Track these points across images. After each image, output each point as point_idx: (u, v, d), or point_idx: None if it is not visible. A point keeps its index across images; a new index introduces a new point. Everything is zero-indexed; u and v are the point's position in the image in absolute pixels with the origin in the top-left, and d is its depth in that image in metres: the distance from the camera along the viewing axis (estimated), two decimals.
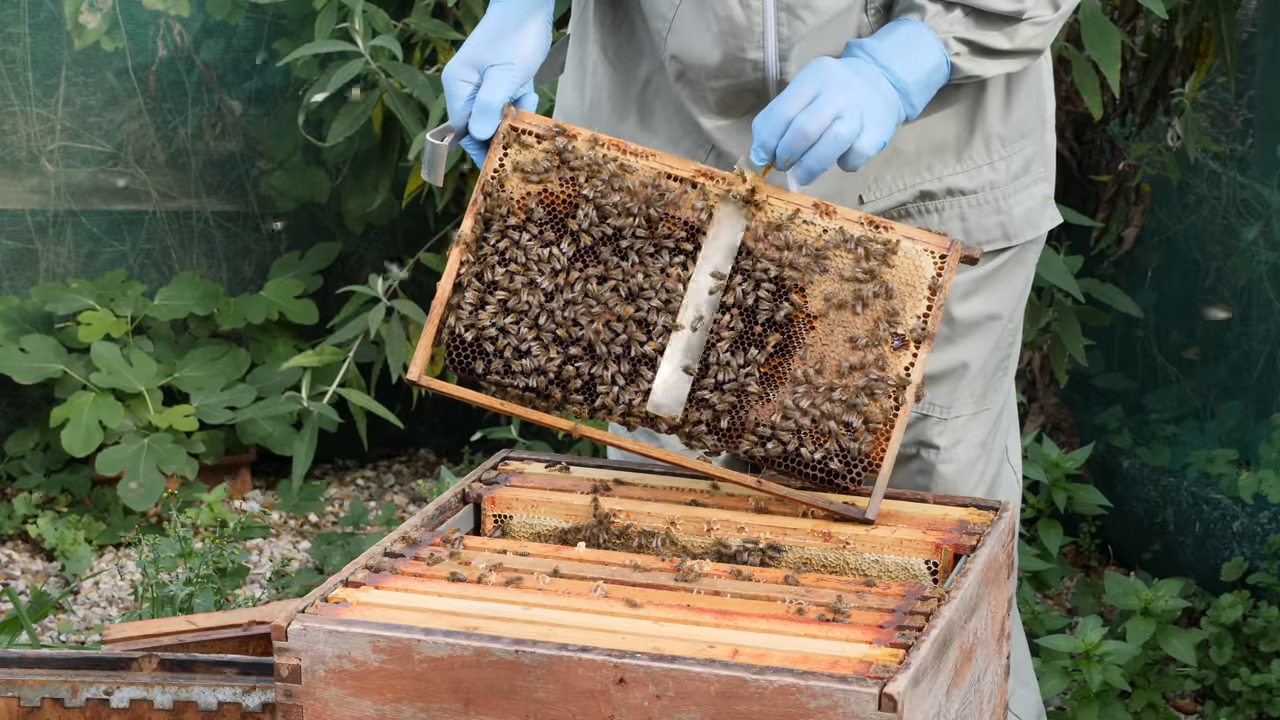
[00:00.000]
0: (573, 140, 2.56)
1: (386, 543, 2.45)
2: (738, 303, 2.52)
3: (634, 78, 2.78)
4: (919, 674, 2.12)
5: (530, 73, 2.61)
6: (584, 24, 2.84)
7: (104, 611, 4.46)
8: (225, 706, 2.54)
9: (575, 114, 2.86)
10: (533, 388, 2.53)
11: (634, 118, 2.78)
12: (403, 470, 5.24)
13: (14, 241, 4.96)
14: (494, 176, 2.55)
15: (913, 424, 2.81)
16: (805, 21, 2.60)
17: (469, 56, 2.60)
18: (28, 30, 4.87)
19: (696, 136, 2.73)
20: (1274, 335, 4.13)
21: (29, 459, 4.91)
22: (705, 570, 2.38)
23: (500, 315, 2.53)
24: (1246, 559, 4.07)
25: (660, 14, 2.68)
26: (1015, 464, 2.99)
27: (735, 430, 2.52)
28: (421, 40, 4.68)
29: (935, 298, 2.52)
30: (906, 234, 2.54)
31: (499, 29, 2.61)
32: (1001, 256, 2.81)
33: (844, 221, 2.53)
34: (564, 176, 2.55)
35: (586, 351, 2.52)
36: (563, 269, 2.53)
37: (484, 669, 2.17)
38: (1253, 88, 4.17)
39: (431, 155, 2.57)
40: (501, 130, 2.56)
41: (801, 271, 2.51)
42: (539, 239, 2.54)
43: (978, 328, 2.81)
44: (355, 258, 5.16)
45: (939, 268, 2.53)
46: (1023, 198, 2.80)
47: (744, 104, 2.68)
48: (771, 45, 2.62)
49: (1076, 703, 3.61)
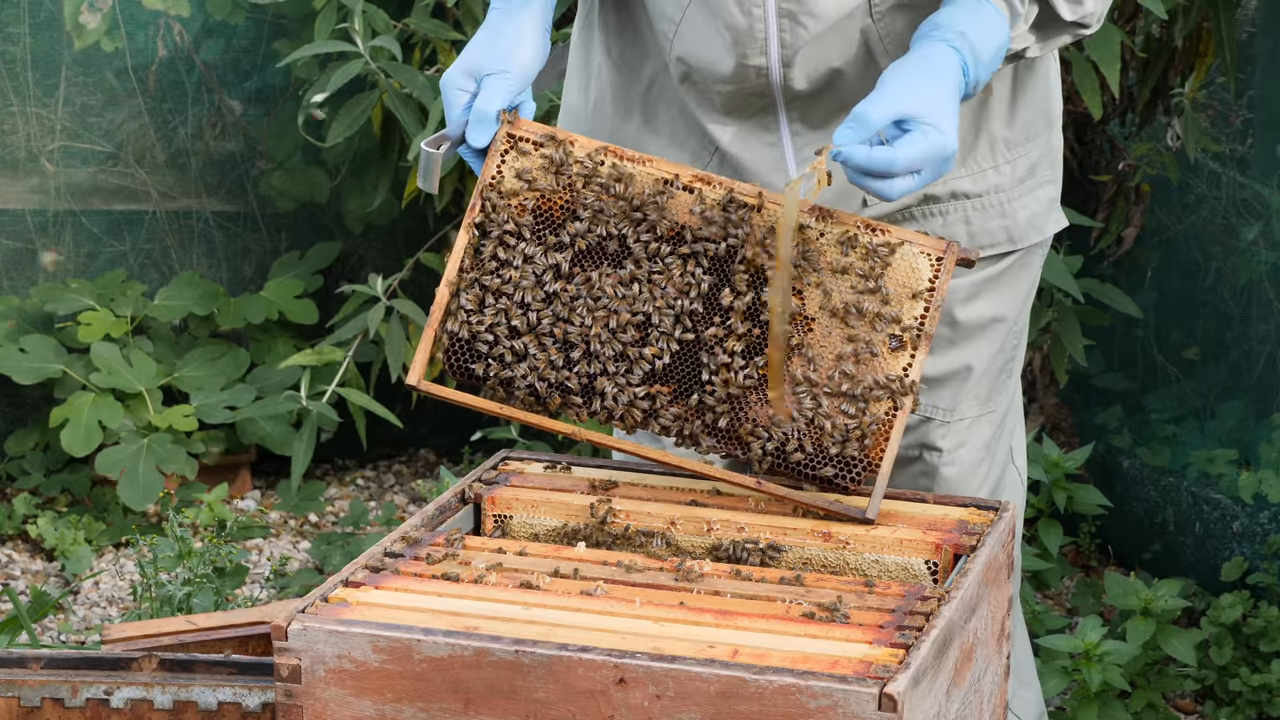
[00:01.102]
0: (570, 147, 2.57)
1: (386, 543, 2.45)
2: (735, 305, 2.52)
3: (638, 79, 2.77)
4: (919, 674, 2.12)
5: (527, 81, 2.61)
6: (589, 25, 2.84)
7: (104, 611, 4.46)
8: (225, 706, 2.54)
9: (580, 114, 2.86)
10: (532, 392, 2.53)
11: (638, 118, 2.78)
12: (403, 470, 5.24)
13: (14, 241, 4.96)
14: (492, 182, 2.56)
15: (915, 426, 2.81)
16: (807, 28, 2.60)
17: (466, 65, 2.60)
18: (28, 30, 4.87)
19: (700, 138, 2.73)
20: (1274, 335, 4.13)
21: (29, 459, 4.91)
22: (705, 570, 2.38)
23: (498, 319, 2.53)
24: (1246, 559, 4.07)
25: (667, 16, 2.68)
26: (1020, 466, 2.99)
27: (733, 431, 2.52)
28: (421, 40, 4.68)
29: (932, 299, 2.53)
30: (903, 237, 2.54)
31: (496, 37, 2.61)
32: (1006, 260, 2.80)
33: (841, 225, 2.54)
34: (561, 182, 2.56)
35: (584, 355, 2.52)
36: (561, 275, 2.53)
37: (484, 669, 2.17)
38: (1253, 88, 4.17)
39: (427, 164, 2.58)
40: (499, 137, 2.57)
41: (799, 272, 2.52)
42: (537, 244, 2.54)
43: (982, 330, 2.80)
44: (355, 258, 5.16)
45: (936, 270, 2.54)
46: (1028, 201, 2.80)
47: (751, 107, 2.68)
48: (774, 52, 2.62)
49: (1076, 703, 3.61)
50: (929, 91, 2.48)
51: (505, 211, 2.55)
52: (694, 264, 2.54)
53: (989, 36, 2.53)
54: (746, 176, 2.69)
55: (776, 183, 2.68)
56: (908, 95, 2.47)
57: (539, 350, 2.52)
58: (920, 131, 2.46)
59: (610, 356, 2.53)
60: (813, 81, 2.64)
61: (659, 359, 2.52)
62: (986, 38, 2.52)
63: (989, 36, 2.53)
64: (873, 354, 2.52)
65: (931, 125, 2.46)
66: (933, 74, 2.49)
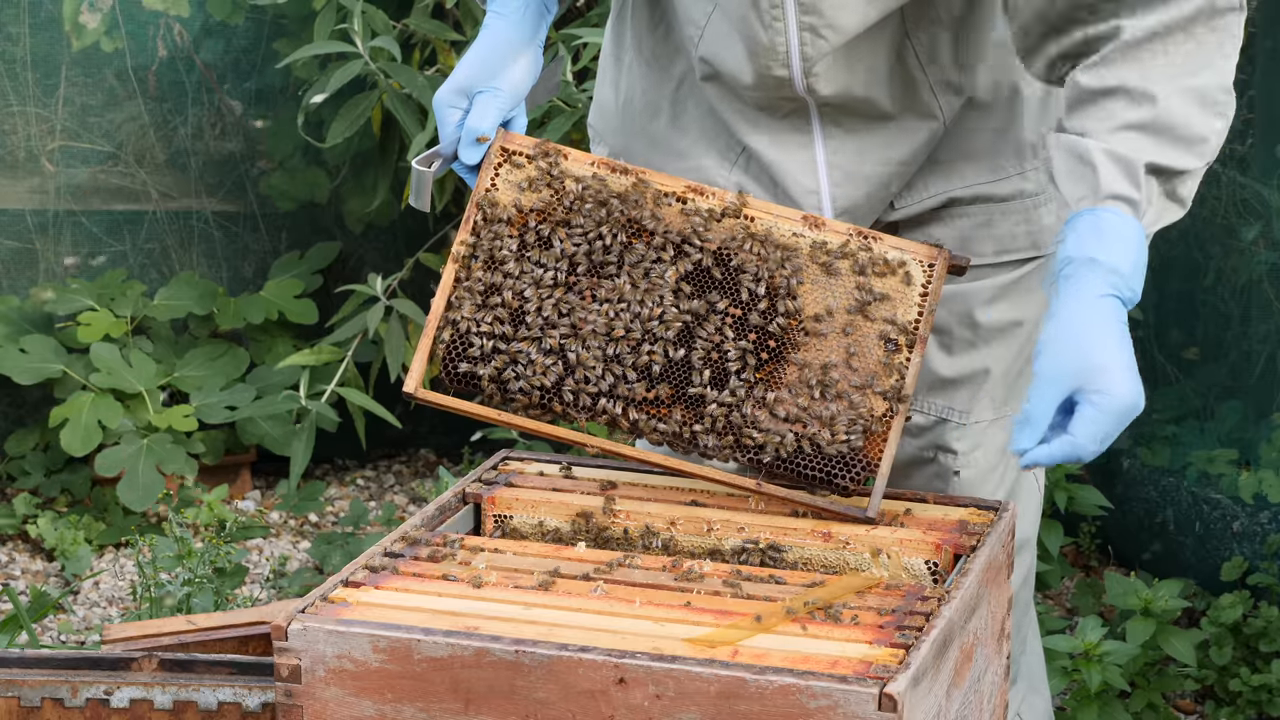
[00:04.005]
0: (563, 159, 2.59)
1: (386, 543, 2.45)
2: (730, 310, 2.53)
3: (668, 76, 2.77)
4: (919, 674, 2.12)
5: (519, 98, 2.64)
6: (621, 21, 2.84)
7: (104, 611, 4.47)
8: (225, 706, 2.54)
9: (610, 110, 2.86)
10: (531, 399, 2.53)
11: (666, 115, 2.78)
12: (403, 470, 5.24)
13: (14, 241, 4.96)
14: (486, 194, 2.58)
15: (931, 428, 2.81)
16: (828, 40, 2.59)
17: (458, 83, 2.63)
18: (28, 30, 4.87)
19: (728, 137, 2.73)
20: (1274, 335, 4.13)
21: (29, 459, 4.91)
22: (705, 570, 2.38)
23: (495, 328, 2.54)
24: (1246, 559, 4.07)
25: (692, 21, 2.68)
26: (1038, 471, 2.98)
27: (731, 435, 2.52)
28: (421, 41, 4.69)
29: (925, 303, 2.54)
30: (895, 244, 2.56)
31: (488, 56, 2.64)
32: (1029, 265, 2.79)
33: (832, 233, 2.56)
34: (554, 193, 2.57)
35: (581, 362, 2.53)
36: (557, 283, 2.55)
37: (484, 669, 2.17)
38: (1252, 88, 4.17)
39: (418, 181, 2.61)
40: (492, 150, 2.60)
41: (790, 276, 2.53)
42: (531, 254, 2.56)
43: (1001, 334, 2.80)
44: (355, 258, 5.17)
45: (928, 276, 2.55)
46: (1053, 207, 2.77)
47: (783, 108, 2.67)
48: (796, 64, 2.61)
49: (1076, 703, 3.61)
50: (1084, 353, 2.36)
51: (499, 224, 2.57)
52: (689, 271, 2.55)
53: (1116, 241, 2.38)
54: (776, 176, 2.69)
55: (807, 183, 2.68)
56: (1063, 372, 2.36)
57: (537, 356, 2.53)
58: (1089, 404, 2.34)
59: (607, 360, 2.53)
60: (840, 91, 2.63)
61: (655, 364, 2.53)
62: (1117, 248, 2.38)
63: (1116, 241, 2.38)
64: (868, 357, 2.53)
65: (1098, 391, 2.34)
66: (1084, 330, 2.37)
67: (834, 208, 2.68)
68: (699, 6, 2.67)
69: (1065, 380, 2.36)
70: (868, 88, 2.64)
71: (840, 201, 2.68)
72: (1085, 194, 2.41)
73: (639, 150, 2.81)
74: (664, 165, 2.76)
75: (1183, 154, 2.42)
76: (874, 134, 2.67)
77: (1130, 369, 2.36)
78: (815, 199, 2.68)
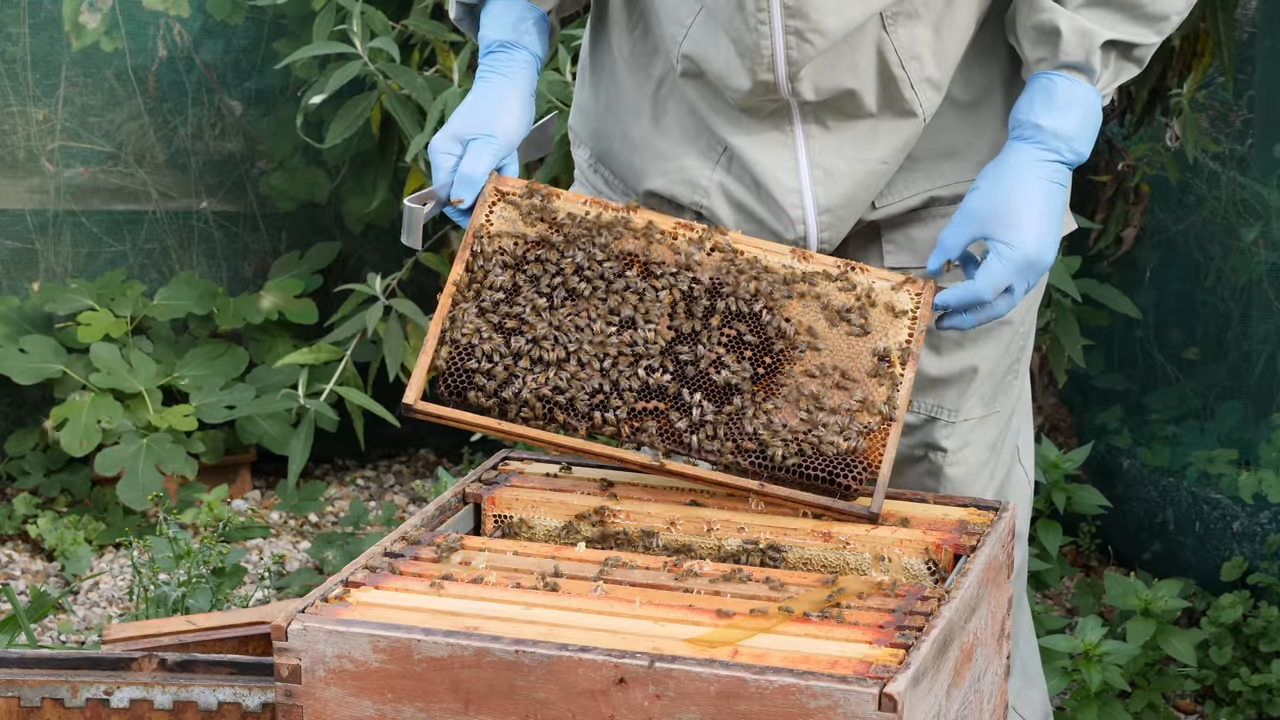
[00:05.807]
0: (554, 199, 2.65)
1: (386, 543, 2.45)
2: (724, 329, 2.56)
3: (648, 77, 2.78)
4: (919, 674, 2.12)
5: (512, 146, 2.69)
6: (600, 22, 2.85)
7: (104, 611, 4.46)
8: (225, 706, 2.54)
9: (590, 112, 2.87)
10: (534, 410, 2.54)
11: (647, 117, 2.78)
12: (403, 470, 5.24)
13: (14, 241, 4.96)
14: (482, 226, 2.63)
15: (920, 426, 2.82)
16: (814, 44, 2.59)
17: (453, 130, 2.68)
18: (28, 30, 4.87)
19: (709, 136, 2.73)
20: (1274, 335, 4.13)
21: (29, 459, 4.91)
22: (705, 570, 2.38)
23: (492, 345, 2.56)
24: (1246, 559, 4.07)
25: (677, 19, 2.68)
26: (1027, 465, 2.99)
27: (732, 441, 2.53)
28: (420, 42, 4.69)
29: (915, 325, 2.59)
30: (881, 276, 2.63)
31: (482, 104, 2.69)
32: None
33: (821, 265, 2.61)
34: (549, 225, 2.63)
35: (579, 377, 2.54)
36: (553, 305, 2.57)
37: (484, 669, 2.17)
38: (1252, 88, 4.17)
39: (410, 219, 2.66)
40: (486, 191, 2.65)
41: (783, 296, 2.57)
42: (527, 281, 2.59)
43: (988, 333, 2.80)
44: (355, 258, 5.17)
45: (916, 303, 2.61)
46: None
47: (765, 108, 2.68)
48: (781, 68, 2.62)
49: (1076, 703, 3.61)
50: (1004, 201, 2.57)
51: (495, 256, 2.60)
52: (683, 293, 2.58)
53: (1067, 108, 2.59)
54: (758, 175, 2.70)
55: (789, 182, 2.69)
56: (980, 213, 2.59)
57: (536, 371, 2.54)
58: (993, 251, 2.57)
59: (604, 374, 2.55)
60: (823, 93, 2.64)
61: (652, 379, 2.54)
62: (1065, 114, 2.59)
63: (1067, 108, 2.59)
64: (863, 365, 2.56)
65: (1004, 242, 2.56)
66: (1010, 183, 2.58)
67: (816, 206, 2.69)
68: (685, 6, 2.67)
69: (979, 221, 2.59)
70: (852, 88, 2.64)
71: (822, 200, 2.69)
72: (1044, 56, 2.60)
73: (620, 152, 2.82)
74: (645, 167, 2.78)
75: (1144, 30, 2.61)
76: (855, 132, 2.68)
77: (1044, 225, 2.58)
78: (797, 198, 2.69)
